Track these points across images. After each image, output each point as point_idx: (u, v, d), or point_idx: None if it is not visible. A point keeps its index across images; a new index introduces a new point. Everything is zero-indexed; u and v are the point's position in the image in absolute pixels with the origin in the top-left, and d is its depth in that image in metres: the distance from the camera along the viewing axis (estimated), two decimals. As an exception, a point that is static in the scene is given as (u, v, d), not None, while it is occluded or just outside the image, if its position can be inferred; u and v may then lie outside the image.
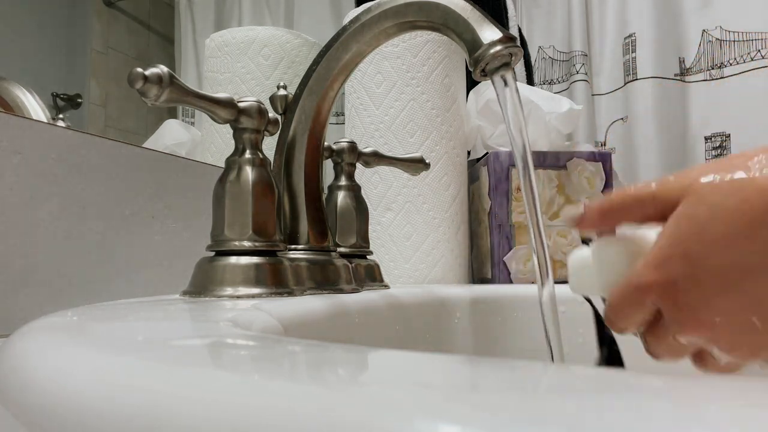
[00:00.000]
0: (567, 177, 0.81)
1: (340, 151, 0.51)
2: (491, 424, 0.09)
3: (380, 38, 0.42)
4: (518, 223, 0.80)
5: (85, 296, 0.47)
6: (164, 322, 0.22)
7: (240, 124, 0.37)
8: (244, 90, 0.79)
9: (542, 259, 0.35)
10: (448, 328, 0.55)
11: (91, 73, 0.61)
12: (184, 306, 0.29)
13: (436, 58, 0.78)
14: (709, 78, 1.28)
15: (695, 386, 0.11)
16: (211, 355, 0.15)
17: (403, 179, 0.75)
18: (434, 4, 0.37)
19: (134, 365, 0.14)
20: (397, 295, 0.47)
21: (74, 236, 0.47)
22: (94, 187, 0.49)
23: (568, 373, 0.12)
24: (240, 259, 0.36)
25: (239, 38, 0.80)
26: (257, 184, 0.37)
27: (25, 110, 0.52)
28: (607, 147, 1.35)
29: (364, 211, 0.52)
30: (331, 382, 0.12)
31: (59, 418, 0.13)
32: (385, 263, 0.75)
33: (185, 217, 0.58)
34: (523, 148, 0.35)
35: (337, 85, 0.44)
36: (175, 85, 0.33)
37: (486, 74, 0.36)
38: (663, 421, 0.08)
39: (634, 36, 1.33)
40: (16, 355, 0.17)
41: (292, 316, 0.30)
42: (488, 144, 0.86)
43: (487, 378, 0.12)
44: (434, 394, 0.10)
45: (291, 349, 0.16)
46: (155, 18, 0.73)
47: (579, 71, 1.36)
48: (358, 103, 0.78)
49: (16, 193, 0.43)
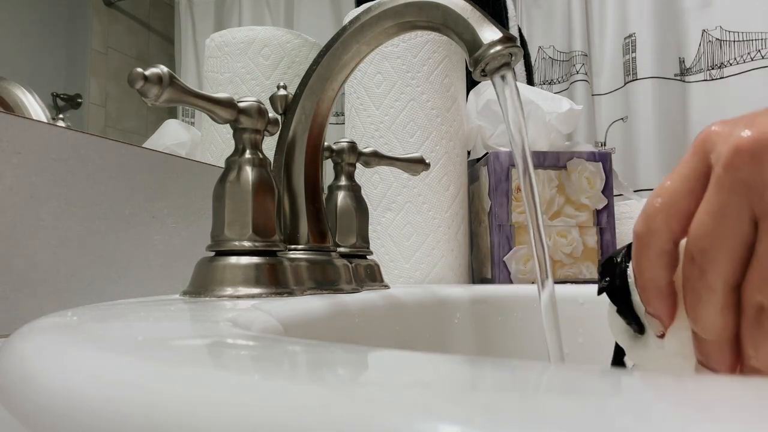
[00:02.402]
0: (567, 177, 0.81)
1: (340, 151, 0.51)
2: (491, 424, 0.09)
3: (380, 38, 0.42)
4: (518, 223, 0.80)
5: (85, 296, 0.47)
6: (164, 322, 0.22)
7: (240, 124, 0.37)
8: (244, 90, 0.79)
9: (542, 259, 0.35)
10: (448, 328, 0.55)
11: (91, 73, 0.61)
12: (184, 306, 0.29)
13: (436, 58, 0.78)
14: (709, 78, 1.28)
15: (696, 386, 0.11)
16: (211, 355, 0.15)
17: (403, 179, 0.75)
18: (434, 4, 0.37)
19: (134, 365, 0.14)
20: (397, 295, 0.47)
21: (74, 236, 0.47)
22: (94, 187, 0.49)
23: (568, 373, 0.12)
24: (240, 259, 0.36)
25: (239, 38, 0.80)
26: (257, 184, 0.37)
27: (25, 110, 0.52)
28: (607, 147, 1.35)
29: (364, 211, 0.52)
30: (331, 382, 0.12)
31: (59, 418, 0.13)
32: (385, 263, 0.75)
33: (185, 217, 0.58)
34: (523, 148, 0.35)
35: (337, 85, 0.44)
36: (175, 85, 0.33)
37: (486, 74, 0.36)
38: (663, 422, 0.08)
39: (634, 36, 1.33)
40: (16, 355, 0.17)
41: (292, 316, 0.30)
42: (488, 144, 0.86)
43: (487, 378, 0.12)
44: (434, 394, 0.10)
45: (291, 349, 0.16)
46: (155, 18, 0.73)
47: (579, 71, 1.36)
48: (358, 103, 0.78)
49: (16, 193, 0.43)
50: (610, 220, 0.81)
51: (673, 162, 1.27)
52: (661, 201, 0.25)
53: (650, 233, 0.25)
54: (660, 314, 0.26)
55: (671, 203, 0.24)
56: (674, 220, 0.24)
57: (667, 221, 0.24)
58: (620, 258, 0.29)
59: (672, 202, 0.24)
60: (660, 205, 0.25)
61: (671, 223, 0.24)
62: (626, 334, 0.29)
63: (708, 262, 0.23)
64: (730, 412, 0.09)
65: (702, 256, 0.23)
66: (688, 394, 0.11)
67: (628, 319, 0.29)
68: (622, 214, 0.98)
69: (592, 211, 0.81)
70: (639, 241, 0.26)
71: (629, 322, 0.29)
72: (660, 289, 0.25)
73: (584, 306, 0.58)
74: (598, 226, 0.81)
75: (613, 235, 0.81)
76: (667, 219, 0.24)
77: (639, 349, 0.29)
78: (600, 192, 0.81)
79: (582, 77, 1.36)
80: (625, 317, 0.29)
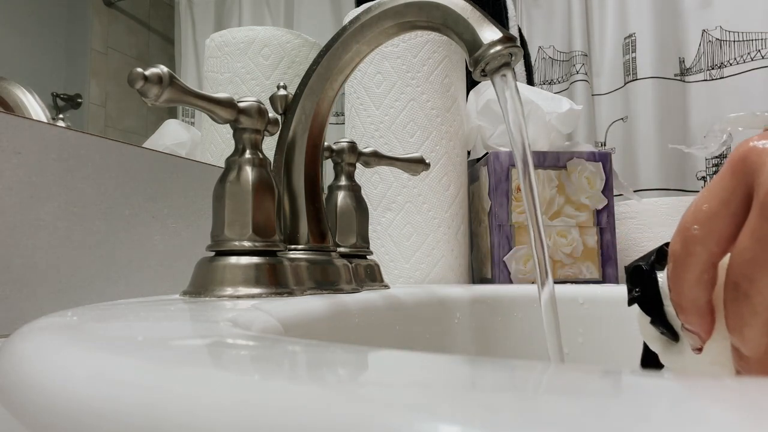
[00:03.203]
0: (567, 177, 0.81)
1: (340, 151, 0.51)
2: (491, 424, 0.09)
3: (380, 38, 0.42)
4: (518, 223, 0.80)
5: (85, 296, 0.47)
6: (164, 322, 0.22)
7: (240, 124, 0.37)
8: (244, 90, 0.79)
9: (542, 259, 0.35)
10: (448, 328, 0.55)
11: (91, 73, 0.61)
12: (184, 306, 0.29)
13: (436, 58, 0.78)
14: (709, 78, 1.28)
15: (695, 386, 0.11)
16: (211, 355, 0.15)
17: (403, 179, 0.75)
18: (434, 4, 0.37)
19: (134, 365, 0.14)
20: (397, 295, 0.47)
21: (74, 236, 0.47)
22: (94, 187, 0.49)
23: (568, 373, 0.12)
24: (240, 259, 0.36)
25: (239, 38, 0.80)
26: (257, 184, 0.37)
27: (25, 110, 0.52)
28: (607, 147, 1.35)
29: (364, 211, 0.52)
30: (331, 382, 0.12)
31: (59, 418, 0.13)
32: (385, 263, 0.75)
33: (185, 217, 0.58)
34: (523, 148, 0.35)
35: (337, 85, 0.44)
36: (175, 85, 0.33)
37: (486, 74, 0.36)
38: (663, 422, 0.08)
39: (634, 36, 1.33)
40: (16, 355, 0.17)
41: (292, 316, 0.30)
42: (488, 144, 0.86)
43: (487, 378, 0.12)
44: (434, 394, 0.10)
45: (291, 349, 0.16)
46: (155, 18, 0.73)
47: (579, 71, 1.36)
48: (358, 103, 0.78)
49: (16, 193, 0.43)
50: (610, 220, 0.81)
51: (673, 162, 1.27)
52: (699, 225, 0.24)
53: (689, 256, 0.25)
54: (698, 330, 0.26)
55: (711, 227, 0.24)
56: (714, 243, 0.24)
57: (706, 245, 0.24)
58: (648, 266, 0.29)
59: (712, 225, 0.24)
60: (700, 229, 0.24)
61: (711, 246, 0.24)
62: (659, 341, 0.29)
63: (753, 288, 0.23)
64: (730, 412, 0.09)
65: (747, 282, 0.23)
66: (688, 394, 0.11)
67: (661, 328, 0.29)
68: (622, 214, 0.98)
69: (592, 211, 0.81)
70: (677, 263, 0.25)
71: (662, 331, 0.29)
72: (699, 309, 0.25)
73: (584, 306, 0.58)
74: (598, 226, 0.81)
75: (613, 235, 0.81)
76: (706, 242, 0.24)
77: (674, 356, 0.28)
78: (600, 192, 0.81)
79: (582, 77, 1.36)
80: (657, 327, 0.29)
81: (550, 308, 0.34)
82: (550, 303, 0.34)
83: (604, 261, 0.80)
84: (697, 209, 0.25)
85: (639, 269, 0.29)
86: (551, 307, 0.34)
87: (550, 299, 0.34)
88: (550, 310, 0.34)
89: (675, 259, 0.25)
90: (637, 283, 0.29)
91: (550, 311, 0.34)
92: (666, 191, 1.27)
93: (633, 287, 0.29)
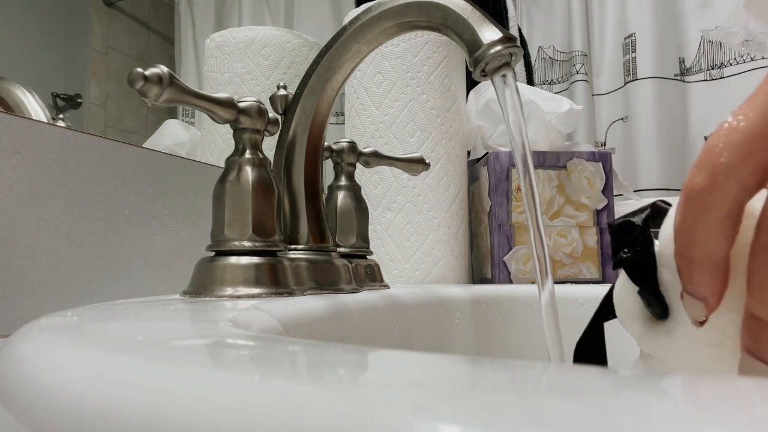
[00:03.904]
0: (567, 177, 0.81)
1: (340, 151, 0.51)
2: (491, 424, 0.09)
3: (380, 38, 0.42)
4: (518, 223, 0.80)
5: (85, 296, 0.47)
6: (164, 322, 0.22)
7: (240, 124, 0.37)
8: (244, 90, 0.79)
9: (542, 259, 0.35)
10: (448, 328, 0.55)
11: (91, 73, 0.61)
12: (184, 306, 0.29)
13: (436, 58, 0.78)
14: (709, 78, 1.28)
15: (696, 386, 0.11)
16: (211, 355, 0.15)
17: (403, 179, 0.75)
18: (434, 4, 0.37)
19: (134, 365, 0.14)
20: (397, 295, 0.47)
21: (74, 236, 0.47)
22: (94, 187, 0.49)
23: (568, 373, 0.12)
24: (240, 259, 0.36)
25: (239, 38, 0.80)
26: (257, 184, 0.37)
27: (25, 110, 0.52)
28: (607, 147, 1.35)
29: (364, 211, 0.52)
30: (331, 382, 0.12)
31: (59, 418, 0.13)
32: (385, 263, 0.75)
33: (185, 217, 0.58)
34: (523, 148, 0.35)
35: (337, 85, 0.44)
36: (175, 85, 0.33)
37: (486, 74, 0.36)
38: (663, 422, 0.08)
39: (634, 36, 1.33)
40: (16, 355, 0.17)
41: (292, 316, 0.30)
42: (488, 144, 0.86)
43: (487, 378, 0.12)
44: (434, 394, 0.10)
45: (291, 349, 0.16)
46: (155, 18, 0.73)
47: (579, 71, 1.36)
48: (358, 103, 0.78)
49: (16, 193, 0.43)
50: (610, 220, 0.81)
51: (673, 162, 1.27)
52: (730, 150, 0.18)
53: (715, 191, 0.18)
54: (708, 294, 0.20)
55: (749, 150, 0.18)
56: (751, 172, 0.18)
57: (739, 174, 0.18)
58: (641, 222, 0.24)
59: (750, 148, 0.18)
60: (731, 155, 0.18)
61: (746, 176, 0.18)
62: (640, 320, 0.24)
63: None
64: (731, 412, 0.09)
65: None
66: (688, 393, 0.11)
67: (648, 300, 0.23)
68: (622, 214, 0.98)
69: (592, 211, 0.81)
70: (696, 200, 0.19)
71: (650, 304, 0.23)
72: (715, 264, 0.20)
73: (584, 306, 0.58)
74: (598, 226, 0.81)
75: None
76: (740, 172, 0.18)
77: (660, 337, 0.23)
78: (600, 192, 0.81)
79: (582, 77, 1.36)
80: (645, 298, 0.24)
81: (550, 308, 0.34)
82: (550, 303, 0.34)
83: (604, 261, 0.80)
84: (730, 128, 0.18)
85: (629, 225, 0.24)
86: (551, 307, 0.34)
87: (550, 299, 0.34)
88: (550, 310, 0.34)
89: (692, 196, 0.19)
90: (626, 242, 0.24)
91: (550, 311, 0.34)
92: (666, 191, 1.27)
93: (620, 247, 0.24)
